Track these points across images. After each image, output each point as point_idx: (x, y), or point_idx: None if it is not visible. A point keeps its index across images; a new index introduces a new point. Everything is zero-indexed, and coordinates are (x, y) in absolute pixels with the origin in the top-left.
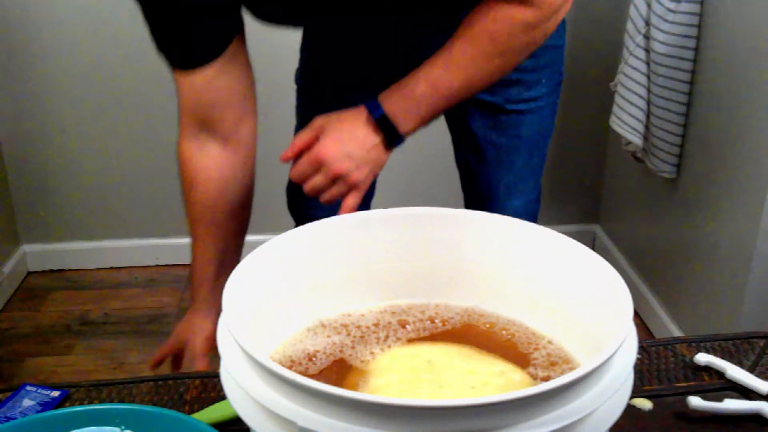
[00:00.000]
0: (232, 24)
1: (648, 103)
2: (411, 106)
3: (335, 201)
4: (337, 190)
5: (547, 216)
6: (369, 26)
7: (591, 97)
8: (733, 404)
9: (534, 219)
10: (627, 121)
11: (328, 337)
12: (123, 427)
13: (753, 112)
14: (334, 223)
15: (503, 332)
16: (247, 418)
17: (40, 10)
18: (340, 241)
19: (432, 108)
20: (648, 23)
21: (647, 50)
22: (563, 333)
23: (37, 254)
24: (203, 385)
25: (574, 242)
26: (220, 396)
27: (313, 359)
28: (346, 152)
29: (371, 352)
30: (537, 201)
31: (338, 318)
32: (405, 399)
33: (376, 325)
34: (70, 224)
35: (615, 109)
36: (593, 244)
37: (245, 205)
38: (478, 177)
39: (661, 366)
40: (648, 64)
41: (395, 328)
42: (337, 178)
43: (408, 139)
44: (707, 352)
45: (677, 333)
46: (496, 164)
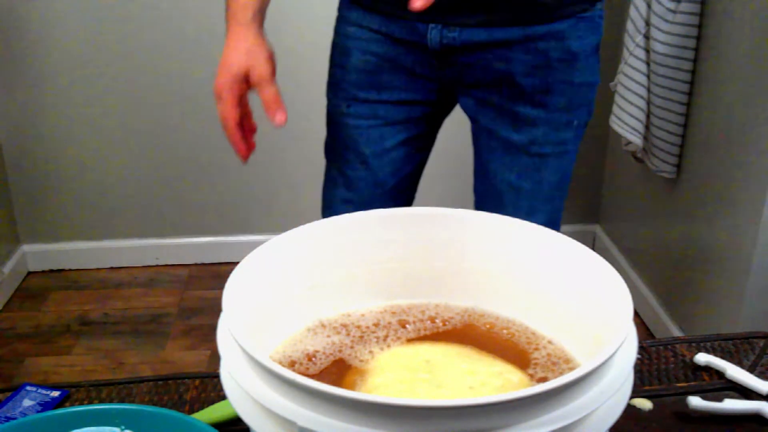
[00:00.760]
0: None
1: (648, 103)
2: None
3: None
4: None
5: None
6: None
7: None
8: (733, 404)
9: None
10: (627, 121)
11: (328, 337)
12: (123, 427)
13: (753, 112)
14: (334, 223)
15: (503, 332)
16: (247, 418)
17: (40, 11)
18: (340, 241)
19: None
20: (648, 23)
21: (647, 50)
22: (563, 333)
23: (37, 254)
24: (203, 385)
25: (574, 242)
26: (220, 396)
27: (313, 359)
28: None
29: (370, 352)
30: None
31: (338, 318)
32: (405, 399)
33: (376, 325)
34: (70, 224)
35: (615, 109)
36: (593, 244)
37: None
38: None
39: (661, 366)
40: (648, 64)
41: (395, 328)
42: None
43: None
44: (707, 352)
45: (677, 333)
46: (513, 209)
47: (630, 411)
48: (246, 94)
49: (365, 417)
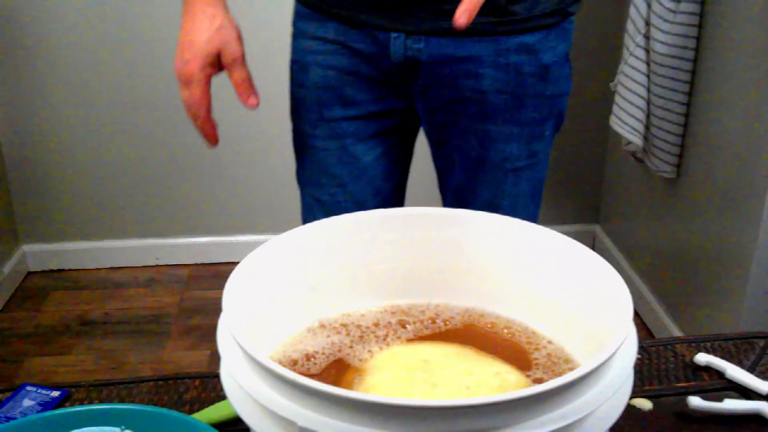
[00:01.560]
0: None
1: (648, 103)
2: None
3: None
4: None
5: (547, 216)
6: None
7: (591, 97)
8: (733, 404)
9: None
10: (627, 121)
11: (328, 337)
12: (123, 427)
13: (753, 112)
14: (334, 223)
15: (503, 332)
16: (247, 418)
17: (39, 10)
18: (340, 241)
19: None
20: (648, 23)
21: (647, 50)
22: (563, 333)
23: (37, 254)
24: (203, 385)
25: (574, 242)
26: (220, 396)
27: (313, 359)
28: None
29: (369, 351)
30: None
31: (338, 318)
32: (406, 399)
33: (376, 325)
34: (70, 224)
35: (615, 109)
36: (593, 244)
37: None
38: None
39: (661, 366)
40: (648, 64)
41: (395, 328)
42: None
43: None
44: (707, 352)
45: (677, 333)
46: None
47: (630, 411)
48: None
49: (365, 417)
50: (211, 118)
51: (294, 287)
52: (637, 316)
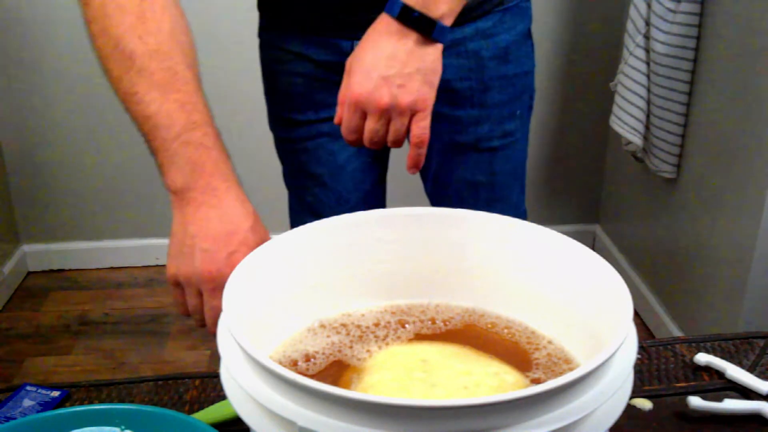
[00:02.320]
0: None
1: (648, 103)
2: None
3: (404, 139)
4: (397, 125)
5: (547, 216)
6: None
7: (591, 97)
8: (733, 404)
9: None
10: (627, 121)
11: (328, 337)
12: (123, 427)
13: (753, 112)
14: (335, 223)
15: (504, 332)
16: (247, 418)
17: (39, 10)
18: (340, 241)
19: None
20: (648, 23)
21: (647, 50)
22: (563, 333)
23: (37, 254)
24: (203, 385)
25: (574, 242)
26: (220, 396)
27: (313, 359)
28: (378, 78)
29: (368, 350)
30: None
31: (338, 318)
32: (406, 399)
33: (377, 325)
34: (70, 224)
35: (615, 109)
36: (593, 244)
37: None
38: None
39: (661, 366)
40: (648, 64)
41: (395, 328)
42: (385, 112)
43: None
44: (707, 352)
45: (677, 333)
46: (473, 203)
47: (630, 411)
48: None
49: (365, 417)
50: None
51: (294, 287)
52: (637, 316)
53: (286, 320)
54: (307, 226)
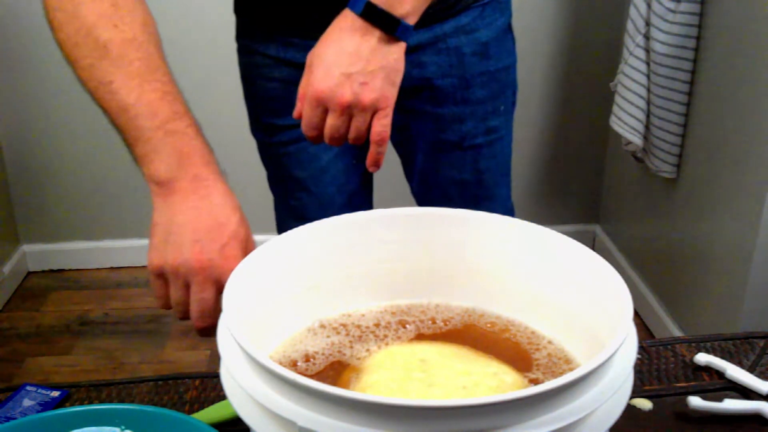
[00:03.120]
0: None
1: (648, 103)
2: None
3: (365, 136)
4: (358, 122)
5: (547, 216)
6: None
7: (591, 97)
8: (733, 404)
9: None
10: (627, 121)
11: (328, 337)
12: (123, 427)
13: (753, 112)
14: (334, 223)
15: (504, 332)
16: (247, 418)
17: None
18: (340, 241)
19: None
20: (648, 23)
21: (647, 50)
22: (563, 333)
23: (37, 254)
24: (203, 385)
25: (574, 242)
26: (220, 396)
27: (313, 359)
28: (341, 74)
29: (367, 350)
30: None
31: (338, 318)
32: (406, 399)
33: (377, 325)
34: (70, 224)
35: (615, 109)
36: (593, 244)
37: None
38: None
39: (661, 366)
40: (648, 64)
41: (395, 328)
42: (346, 108)
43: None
44: (707, 352)
45: (677, 333)
46: (460, 201)
47: (630, 411)
48: None
49: (365, 417)
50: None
51: (294, 287)
52: (637, 316)
53: (286, 320)
54: (307, 225)
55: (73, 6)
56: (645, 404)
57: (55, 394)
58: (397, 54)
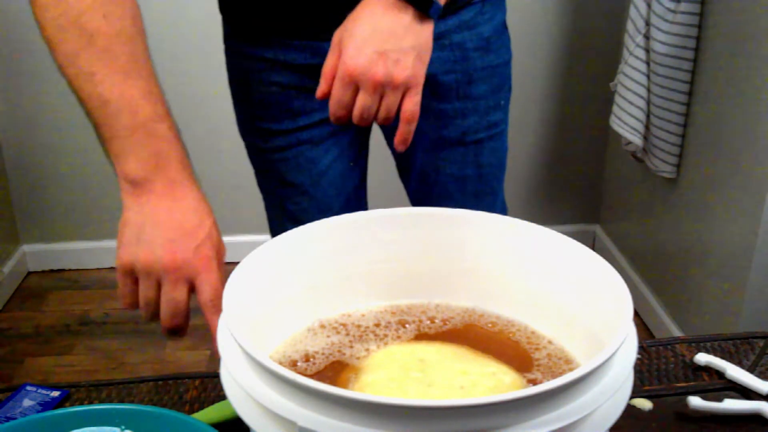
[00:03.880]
0: None
1: (648, 103)
2: None
3: (395, 116)
4: (390, 100)
5: (547, 216)
6: None
7: (591, 97)
8: (733, 404)
9: None
10: (627, 121)
11: (328, 337)
12: (123, 427)
13: (753, 112)
14: (334, 223)
15: (504, 332)
16: (247, 418)
17: None
18: (340, 241)
19: None
20: (648, 23)
21: (647, 50)
22: (563, 333)
23: (37, 254)
24: (203, 385)
25: (574, 242)
26: (220, 396)
27: (313, 359)
28: (375, 52)
29: (366, 349)
30: None
31: (338, 318)
32: (406, 399)
33: (377, 325)
34: (70, 224)
35: (615, 109)
36: (593, 244)
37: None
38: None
39: (661, 366)
40: (648, 64)
41: (395, 328)
42: (379, 86)
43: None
44: (707, 352)
45: (677, 333)
46: (461, 197)
47: (630, 411)
48: None
49: (365, 417)
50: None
51: (294, 287)
52: (637, 316)
53: (285, 320)
54: (307, 226)
55: None
56: (645, 404)
57: (55, 394)
58: (427, 33)
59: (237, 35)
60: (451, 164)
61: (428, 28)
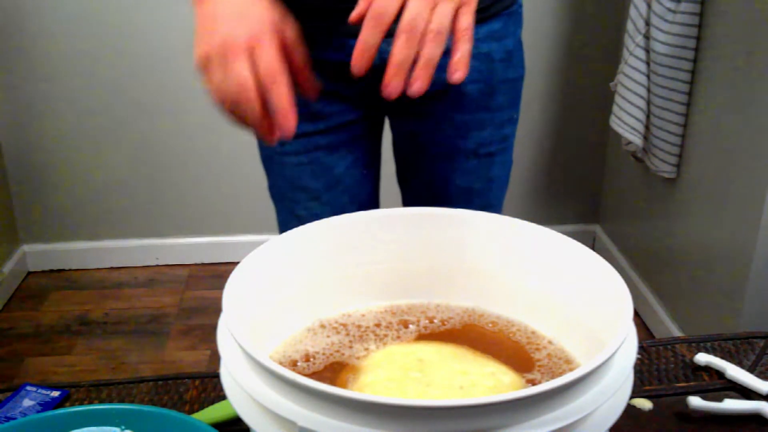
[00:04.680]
0: None
1: (648, 103)
2: None
3: (447, 32)
4: (444, 10)
5: (547, 216)
6: None
7: (591, 97)
8: (733, 404)
9: None
10: (627, 121)
11: (328, 337)
12: (123, 427)
13: (753, 112)
14: (335, 223)
15: (504, 332)
16: (247, 418)
17: (40, 11)
18: (340, 241)
19: None
20: (648, 23)
21: (647, 50)
22: (563, 333)
23: (37, 254)
24: (203, 385)
25: (574, 242)
26: (220, 396)
27: (313, 359)
28: None
29: (366, 349)
30: None
31: (338, 318)
32: (406, 399)
33: (377, 325)
34: (70, 224)
35: (615, 109)
36: (593, 244)
37: None
38: None
39: (661, 366)
40: (648, 64)
41: (395, 328)
42: None
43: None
44: (707, 352)
45: (677, 333)
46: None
47: (630, 411)
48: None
49: (365, 417)
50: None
51: (294, 287)
52: (637, 316)
53: (286, 320)
54: (308, 225)
55: None
56: (645, 404)
57: (55, 394)
58: None
59: None
60: (461, 176)
61: None
